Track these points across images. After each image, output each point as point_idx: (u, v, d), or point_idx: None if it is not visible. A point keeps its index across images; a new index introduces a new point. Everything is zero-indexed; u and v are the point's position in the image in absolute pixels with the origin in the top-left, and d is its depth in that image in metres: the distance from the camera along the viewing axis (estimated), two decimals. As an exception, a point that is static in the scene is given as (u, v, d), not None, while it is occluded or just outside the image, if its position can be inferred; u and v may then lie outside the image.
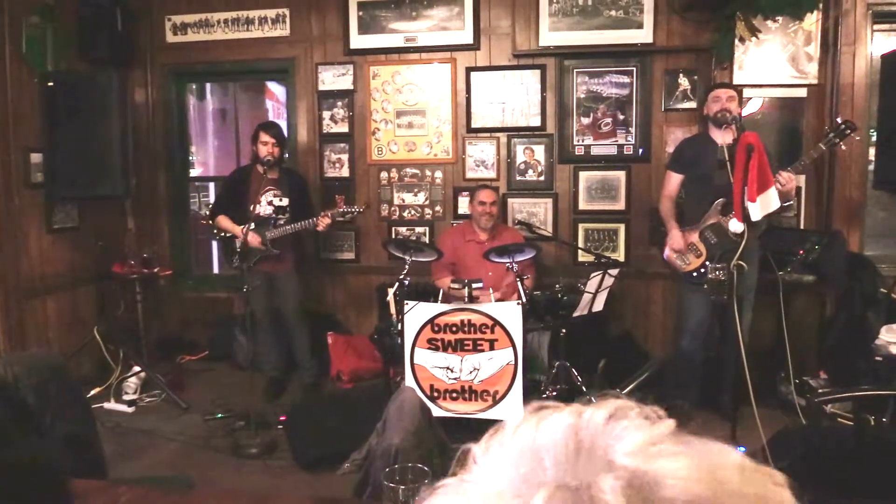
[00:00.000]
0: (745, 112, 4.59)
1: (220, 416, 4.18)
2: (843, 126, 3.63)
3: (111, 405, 4.41)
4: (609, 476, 0.38)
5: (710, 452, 0.41)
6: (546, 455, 0.41)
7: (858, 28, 4.58)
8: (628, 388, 1.86)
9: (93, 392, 4.50)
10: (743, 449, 2.40)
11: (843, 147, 3.82)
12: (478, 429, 0.45)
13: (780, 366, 4.16)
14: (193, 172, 6.21)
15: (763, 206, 3.19)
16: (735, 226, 3.23)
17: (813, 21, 4.57)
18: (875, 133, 4.43)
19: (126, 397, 4.49)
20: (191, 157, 6.09)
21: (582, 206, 5.05)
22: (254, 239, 4.34)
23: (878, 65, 4.41)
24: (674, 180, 4.13)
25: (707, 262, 3.76)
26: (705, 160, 3.80)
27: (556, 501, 0.38)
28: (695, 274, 3.94)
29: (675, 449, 0.41)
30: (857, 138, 3.99)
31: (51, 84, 4.55)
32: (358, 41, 5.19)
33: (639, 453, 0.40)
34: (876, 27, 4.64)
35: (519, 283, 3.86)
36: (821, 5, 4.53)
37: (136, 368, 4.63)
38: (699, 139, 4.18)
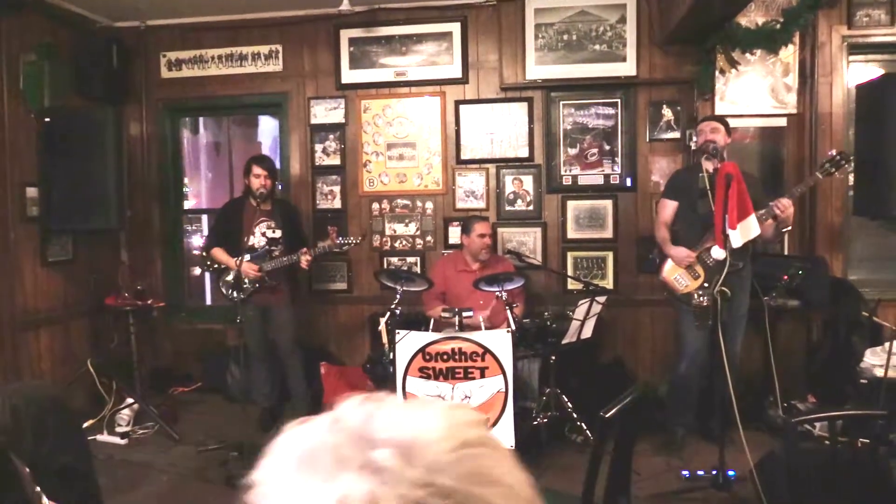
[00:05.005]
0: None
1: (212, 447, 4.19)
2: (838, 157, 3.72)
3: (104, 437, 4.41)
4: (379, 450, 0.48)
5: (441, 412, 0.52)
6: (322, 452, 0.49)
7: (834, 59, 4.72)
8: (611, 413, 1.90)
9: (86, 424, 4.50)
10: (732, 473, 2.43)
11: (840, 176, 3.91)
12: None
13: (769, 390, 4.22)
14: (187, 205, 6.28)
15: (743, 233, 3.27)
16: (717, 252, 3.32)
17: (790, 53, 4.71)
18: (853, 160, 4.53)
19: (119, 429, 4.49)
20: (185, 190, 6.15)
21: (570, 234, 5.14)
22: (249, 269, 4.38)
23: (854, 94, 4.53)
24: (669, 207, 4.18)
25: (705, 284, 3.83)
26: (694, 189, 3.89)
27: (364, 476, 0.46)
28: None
29: (413, 415, 0.51)
30: (850, 169, 4.08)
31: (48, 120, 4.64)
32: (349, 76, 5.31)
33: (391, 427, 0.50)
34: (852, 58, 4.78)
35: (508, 312, 3.91)
36: (796, 39, 4.67)
37: (129, 400, 4.64)
38: (691, 168, 4.26)
